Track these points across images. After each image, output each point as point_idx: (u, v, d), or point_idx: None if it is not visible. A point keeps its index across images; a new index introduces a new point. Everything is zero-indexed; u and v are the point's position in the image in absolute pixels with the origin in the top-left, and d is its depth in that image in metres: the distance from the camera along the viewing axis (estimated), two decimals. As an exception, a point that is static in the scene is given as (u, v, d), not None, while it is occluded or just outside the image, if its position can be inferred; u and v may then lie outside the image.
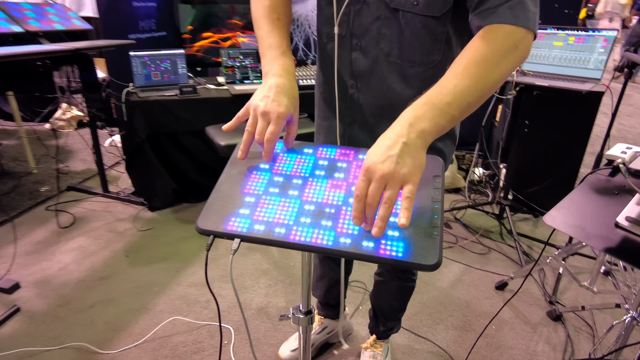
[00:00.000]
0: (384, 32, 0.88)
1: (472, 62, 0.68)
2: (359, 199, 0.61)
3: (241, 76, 2.64)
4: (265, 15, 0.87)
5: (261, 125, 0.76)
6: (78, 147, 3.49)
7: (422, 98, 0.67)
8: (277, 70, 0.80)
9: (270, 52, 0.83)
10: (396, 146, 0.61)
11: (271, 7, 0.87)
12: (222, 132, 2.22)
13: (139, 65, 2.44)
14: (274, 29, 0.85)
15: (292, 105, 0.79)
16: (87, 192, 2.71)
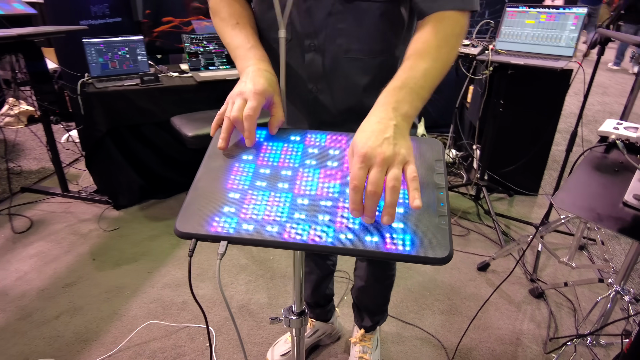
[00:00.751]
0: (339, 27, 0.81)
1: (435, 46, 0.71)
2: (357, 189, 0.56)
3: (206, 62, 2.50)
4: (225, 25, 0.83)
5: (238, 103, 0.69)
6: (30, 144, 3.25)
7: (396, 82, 0.67)
8: (251, 61, 0.75)
9: (239, 52, 0.79)
10: (389, 129, 0.60)
11: (229, 17, 0.83)
12: (188, 122, 2.09)
13: (94, 53, 2.26)
14: (236, 31, 0.81)
15: (269, 85, 0.72)
16: (44, 193, 2.51)
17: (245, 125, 0.68)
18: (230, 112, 0.70)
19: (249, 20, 0.85)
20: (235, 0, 0.86)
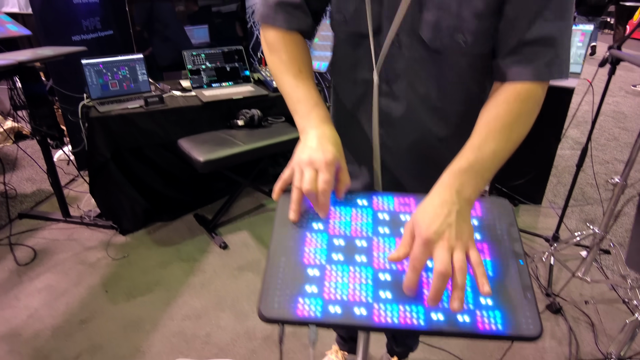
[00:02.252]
0: (420, 75, 0.79)
1: (507, 125, 0.68)
2: (417, 269, 0.57)
3: (208, 79, 2.44)
4: (286, 70, 0.80)
5: (309, 174, 0.67)
6: (21, 163, 3.13)
7: (462, 162, 0.65)
8: (314, 122, 0.75)
9: (301, 107, 0.77)
10: (452, 214, 0.60)
11: (290, 61, 0.80)
12: (197, 146, 2.05)
13: (93, 74, 2.18)
14: (299, 82, 0.79)
15: (337, 151, 0.72)
16: (44, 219, 2.42)
17: (321, 200, 0.68)
18: (300, 181, 0.68)
19: (310, 67, 0.83)
20: (296, 41, 0.83)
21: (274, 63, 0.82)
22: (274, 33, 0.82)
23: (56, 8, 2.59)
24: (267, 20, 0.82)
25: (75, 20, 2.77)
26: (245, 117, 2.26)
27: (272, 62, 0.82)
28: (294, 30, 0.82)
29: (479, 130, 0.69)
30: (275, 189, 0.73)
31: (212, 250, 2.19)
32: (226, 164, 2.03)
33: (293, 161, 0.71)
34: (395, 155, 0.90)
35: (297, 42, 0.82)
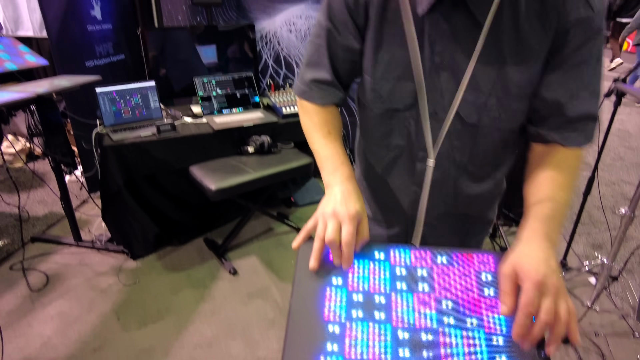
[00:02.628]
0: (455, 144, 0.85)
1: (571, 180, 0.77)
2: (530, 315, 0.59)
3: (219, 106, 2.49)
4: (316, 130, 0.87)
5: (332, 226, 0.71)
6: (32, 184, 3.17)
7: (546, 211, 0.71)
8: (339, 179, 0.79)
9: (328, 164, 0.82)
10: (551, 259, 0.64)
11: (321, 123, 0.88)
12: (208, 173, 2.09)
13: (107, 102, 2.23)
14: (328, 142, 0.85)
15: (360, 207, 0.76)
16: (56, 243, 2.46)
17: (345, 252, 0.71)
18: (322, 231, 0.72)
19: (340, 130, 0.89)
20: (328, 109, 0.90)
21: (307, 123, 0.89)
22: (309, 105, 0.89)
23: (71, 35, 2.66)
24: (304, 96, 0.89)
25: (89, 46, 2.84)
26: (255, 144, 2.30)
27: (305, 122, 0.89)
28: (329, 105, 0.89)
29: (546, 184, 0.76)
30: (297, 238, 0.75)
31: (222, 276, 2.21)
32: (237, 191, 2.06)
33: (317, 213, 0.75)
34: (430, 212, 0.94)
35: (331, 109, 0.89)
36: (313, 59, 0.87)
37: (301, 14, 3.25)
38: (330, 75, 0.86)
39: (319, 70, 0.87)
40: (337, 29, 0.82)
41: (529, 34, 0.72)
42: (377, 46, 0.80)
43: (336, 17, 0.81)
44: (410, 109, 0.83)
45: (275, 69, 3.44)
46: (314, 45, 0.86)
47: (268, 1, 3.22)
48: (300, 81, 0.90)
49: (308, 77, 0.88)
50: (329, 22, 0.82)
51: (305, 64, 0.89)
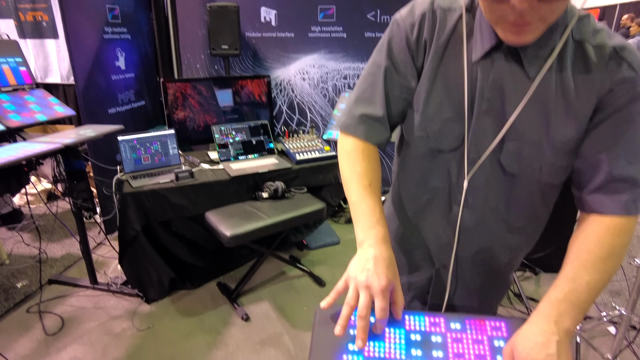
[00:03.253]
0: (494, 191, 0.86)
1: (600, 258, 0.72)
2: None
3: (235, 152, 2.57)
4: (357, 180, 0.85)
5: (364, 299, 0.72)
6: (51, 225, 3.25)
7: (558, 293, 0.71)
8: (372, 240, 0.79)
9: (363, 220, 0.82)
10: (551, 344, 0.64)
11: (363, 173, 0.85)
12: (224, 219, 2.13)
13: (128, 150, 2.33)
14: (367, 195, 0.84)
15: (393, 275, 0.77)
16: (73, 285, 2.50)
17: (378, 326, 0.74)
18: (353, 300, 0.73)
19: (379, 181, 0.88)
20: (372, 153, 0.88)
21: (348, 171, 0.87)
22: (352, 142, 0.88)
23: (97, 84, 2.81)
24: (348, 130, 0.88)
25: (112, 94, 2.99)
26: (270, 190, 2.36)
27: (346, 170, 0.87)
28: (373, 143, 0.88)
29: (571, 262, 0.74)
30: (328, 299, 0.76)
31: (235, 322, 2.21)
32: (251, 237, 2.10)
33: (348, 275, 0.76)
34: (461, 259, 0.95)
35: (373, 154, 0.88)
36: (365, 94, 0.87)
37: (314, 63, 3.39)
38: (382, 111, 0.86)
39: (370, 106, 0.86)
40: (396, 68, 0.84)
41: (575, 92, 0.74)
42: (431, 86, 0.82)
43: (396, 56, 0.83)
44: (454, 150, 0.84)
45: (289, 114, 3.56)
46: (367, 82, 0.87)
47: (283, 51, 3.38)
48: (347, 116, 0.89)
49: (358, 111, 0.87)
50: (387, 61, 0.84)
51: (355, 100, 0.88)
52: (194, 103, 2.70)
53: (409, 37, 0.82)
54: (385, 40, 0.85)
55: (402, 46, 0.83)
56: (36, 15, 3.64)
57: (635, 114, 0.72)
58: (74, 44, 2.58)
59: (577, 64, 0.73)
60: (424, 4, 0.81)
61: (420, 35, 0.81)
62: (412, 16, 0.81)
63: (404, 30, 0.82)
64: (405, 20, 0.82)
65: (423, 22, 0.80)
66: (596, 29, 0.73)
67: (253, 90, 2.87)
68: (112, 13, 2.95)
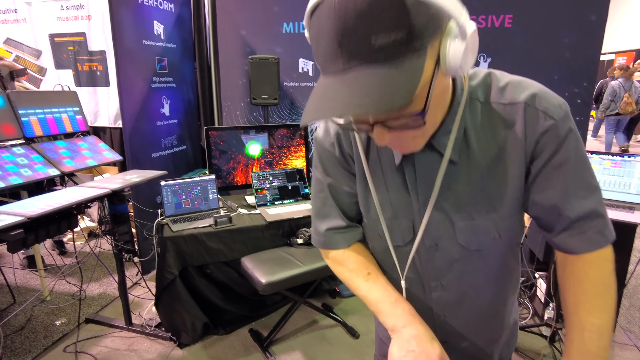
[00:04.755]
0: (466, 270, 0.83)
1: (597, 295, 0.73)
2: None
3: (272, 197, 2.62)
4: (354, 276, 0.86)
5: None
6: (91, 263, 3.35)
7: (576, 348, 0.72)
8: (403, 319, 0.77)
9: (383, 306, 0.80)
10: None
11: (357, 269, 0.86)
12: (259, 265, 2.14)
13: (170, 194, 2.41)
14: (372, 283, 0.83)
15: (439, 348, 0.74)
16: (109, 326, 2.54)
17: None
18: None
19: (377, 267, 0.88)
20: (356, 250, 0.89)
21: (343, 274, 0.88)
22: (335, 252, 0.90)
23: (142, 130, 2.97)
24: (325, 246, 0.91)
25: (156, 139, 3.14)
26: (305, 236, 2.36)
27: (341, 273, 0.89)
28: (349, 246, 0.89)
29: (572, 309, 0.74)
30: None
31: (266, 372, 2.17)
32: (286, 285, 2.10)
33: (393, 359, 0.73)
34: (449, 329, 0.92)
35: (358, 249, 0.89)
36: (323, 211, 0.90)
37: (349, 110, 3.46)
38: (343, 221, 0.88)
39: (331, 220, 0.89)
40: (336, 181, 0.87)
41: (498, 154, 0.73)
42: (365, 192, 0.84)
43: (331, 171, 0.86)
44: (410, 243, 0.82)
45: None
46: (319, 200, 0.90)
47: (319, 99, 3.47)
48: (316, 234, 0.92)
49: (323, 227, 0.90)
50: (326, 178, 0.87)
51: (317, 217, 0.91)
52: (233, 149, 2.80)
53: (334, 153, 0.84)
54: (317, 159, 0.89)
55: (332, 163, 0.85)
56: (92, 66, 3.93)
57: (569, 153, 0.70)
58: (124, 93, 2.76)
59: (492, 125, 0.73)
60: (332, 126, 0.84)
61: (342, 150, 0.84)
62: (329, 135, 0.84)
63: (328, 149, 0.85)
64: (324, 140, 0.85)
65: (339, 139, 0.83)
66: (500, 86, 0.72)
67: (290, 138, 2.94)
68: (161, 64, 3.15)
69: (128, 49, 2.78)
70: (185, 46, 3.49)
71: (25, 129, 2.14)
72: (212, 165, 2.72)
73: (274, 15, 3.39)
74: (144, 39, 2.92)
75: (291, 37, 3.40)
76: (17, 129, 2.11)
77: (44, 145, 2.19)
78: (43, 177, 2.00)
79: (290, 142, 2.92)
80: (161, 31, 3.11)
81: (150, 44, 3.00)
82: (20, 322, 2.60)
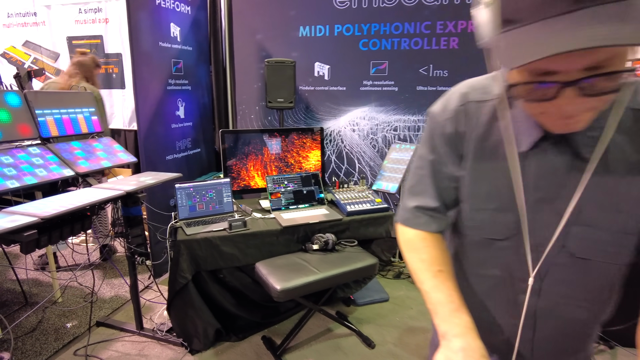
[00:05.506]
0: (562, 278, 0.79)
1: None
2: None
3: (286, 202, 2.57)
4: (425, 269, 0.83)
5: None
6: (102, 266, 3.33)
7: None
8: (457, 329, 0.74)
9: (442, 309, 0.77)
10: None
11: (430, 261, 0.84)
12: (274, 271, 2.10)
13: (184, 197, 2.38)
14: (440, 282, 0.80)
15: None
16: (119, 329, 2.50)
17: None
18: None
19: (450, 267, 0.85)
20: (435, 240, 0.87)
21: (413, 261, 0.86)
22: (413, 232, 0.88)
23: (157, 133, 2.95)
24: (407, 223, 0.89)
25: (170, 142, 3.12)
26: (320, 242, 2.31)
27: (411, 260, 0.86)
28: (433, 231, 0.87)
29: None
30: None
31: (279, 381, 2.11)
32: (302, 292, 2.04)
33: None
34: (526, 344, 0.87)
35: (437, 241, 0.87)
36: (417, 188, 0.88)
37: (365, 115, 3.43)
38: (435, 201, 0.86)
39: (423, 198, 0.87)
40: (440, 160, 0.84)
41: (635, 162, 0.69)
42: (475, 177, 0.81)
43: (439, 148, 0.84)
44: (509, 239, 0.80)
45: (337, 164, 3.56)
46: (416, 176, 0.89)
47: (334, 104, 3.45)
48: (403, 209, 0.91)
49: (412, 204, 0.89)
50: (432, 154, 0.85)
51: (409, 194, 0.90)
52: (248, 152, 2.76)
53: (447, 130, 0.82)
54: (426, 134, 0.87)
55: (442, 140, 0.83)
56: (108, 68, 3.95)
57: None
58: (140, 95, 2.75)
59: (633, 133, 0.69)
60: (455, 99, 0.81)
61: (458, 129, 0.81)
62: (446, 111, 0.82)
63: (441, 125, 0.83)
64: (440, 115, 0.83)
65: (458, 117, 0.80)
66: None
67: (305, 141, 2.90)
68: (177, 66, 3.14)
69: (144, 50, 2.77)
70: (201, 49, 3.48)
71: (42, 129, 2.13)
72: (226, 168, 2.68)
73: (290, 19, 3.37)
74: (160, 40, 2.92)
75: (307, 41, 3.38)
76: (34, 129, 2.10)
77: (59, 145, 2.17)
78: (58, 178, 1.98)
79: (306, 146, 2.87)
80: (177, 33, 3.10)
81: (166, 46, 2.99)
82: (32, 323, 2.58)
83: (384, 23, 3.22)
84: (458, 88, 0.82)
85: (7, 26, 4.33)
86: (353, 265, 2.20)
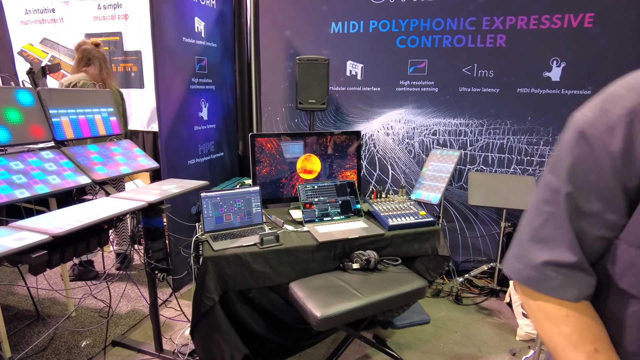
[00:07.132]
0: None
1: None
2: None
3: (320, 213, 2.33)
4: (573, 347, 0.58)
5: None
6: (119, 278, 3.13)
7: None
8: None
9: None
10: None
11: (579, 335, 0.58)
12: (312, 295, 1.85)
13: (210, 207, 2.15)
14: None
15: None
16: (137, 351, 2.28)
17: None
18: None
19: (608, 341, 0.59)
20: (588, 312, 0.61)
21: (552, 335, 0.60)
22: (547, 300, 0.62)
23: (179, 135, 2.74)
24: (532, 285, 0.63)
25: (193, 145, 2.90)
26: (361, 260, 2.06)
27: (550, 334, 0.61)
28: (572, 300, 0.61)
29: None
30: None
31: (316, 419, 1.86)
32: (344, 320, 1.79)
33: None
34: None
35: (585, 310, 0.61)
36: (543, 233, 0.63)
37: (400, 118, 3.17)
38: (575, 256, 0.60)
39: (554, 249, 0.61)
40: (585, 195, 0.58)
41: None
42: None
43: (581, 176, 0.57)
44: None
45: (368, 170, 3.32)
46: (542, 214, 0.62)
47: (367, 106, 3.20)
48: (525, 264, 0.64)
49: (538, 258, 0.63)
50: (567, 183, 0.59)
51: (529, 239, 0.64)
52: (277, 158, 2.53)
53: (607, 147, 0.54)
54: (561, 154, 0.59)
55: (595, 163, 0.56)
56: (126, 67, 3.76)
57: None
58: (162, 94, 2.54)
59: None
60: (626, 96, 0.53)
61: (631, 142, 0.53)
62: (606, 116, 0.54)
63: (597, 140, 0.55)
64: (596, 126, 0.55)
65: (632, 123, 0.52)
66: None
67: (341, 146, 2.66)
68: (200, 64, 2.93)
69: (167, 46, 2.55)
70: (225, 46, 3.26)
71: (56, 131, 1.92)
72: (256, 175, 2.45)
73: (321, 15, 3.14)
74: (184, 36, 2.70)
75: (339, 38, 3.13)
76: (47, 130, 1.89)
77: (74, 149, 1.96)
78: (73, 187, 1.77)
79: (342, 151, 2.63)
80: (202, 28, 2.88)
81: (190, 42, 2.77)
82: (44, 341, 2.37)
83: (424, 19, 2.96)
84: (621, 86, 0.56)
85: (25, 23, 4.18)
86: (400, 289, 1.94)
